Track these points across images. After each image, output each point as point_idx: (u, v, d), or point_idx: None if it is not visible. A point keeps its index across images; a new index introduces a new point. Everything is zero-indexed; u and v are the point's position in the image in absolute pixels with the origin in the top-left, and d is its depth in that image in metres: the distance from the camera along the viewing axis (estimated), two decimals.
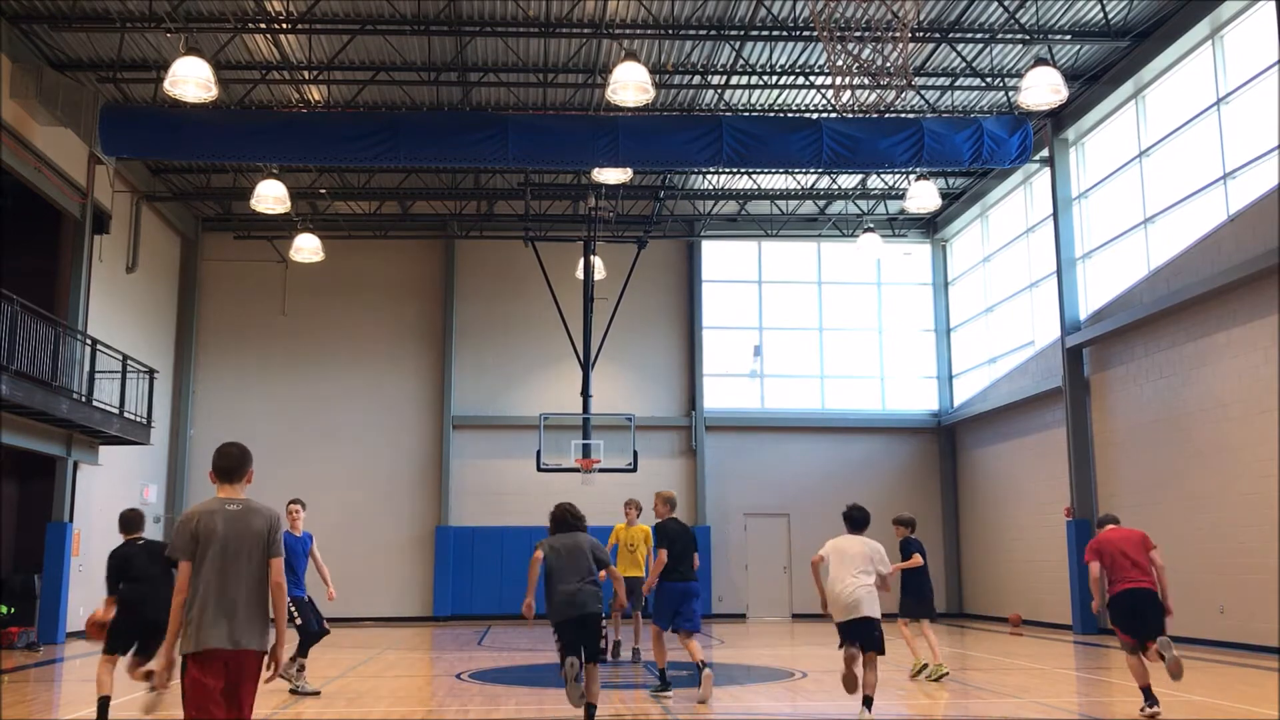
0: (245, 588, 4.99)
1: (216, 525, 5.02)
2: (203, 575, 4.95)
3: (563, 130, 16.59)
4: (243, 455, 5.30)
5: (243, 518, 5.08)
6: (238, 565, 5.00)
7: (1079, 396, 19.31)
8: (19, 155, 16.55)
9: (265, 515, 5.15)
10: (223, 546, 4.99)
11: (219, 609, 4.91)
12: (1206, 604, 15.73)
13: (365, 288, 25.10)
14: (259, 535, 5.07)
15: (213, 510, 5.07)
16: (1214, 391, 15.69)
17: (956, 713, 9.83)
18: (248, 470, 5.28)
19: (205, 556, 4.97)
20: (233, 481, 5.22)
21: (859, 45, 10.97)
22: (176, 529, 5.12)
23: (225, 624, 4.89)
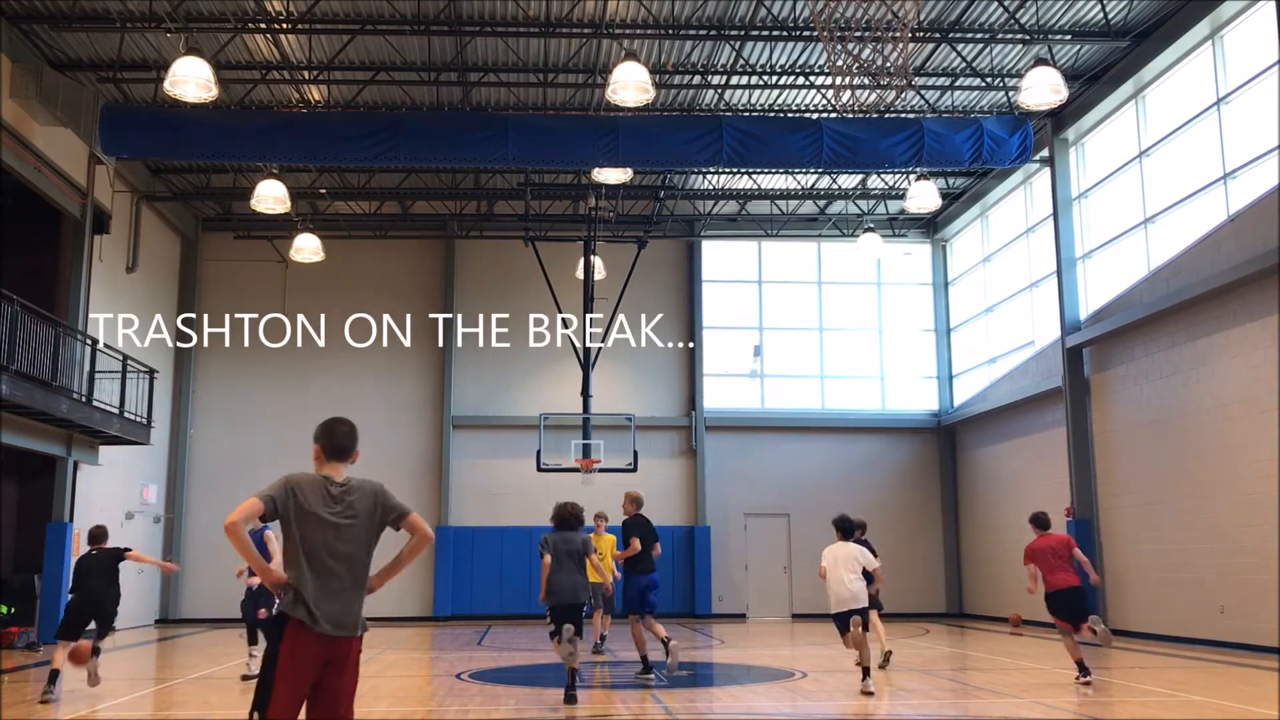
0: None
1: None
2: (295, 549, 4.74)
3: (563, 130, 16.59)
4: (353, 432, 4.95)
5: (354, 498, 4.80)
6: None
7: (1079, 396, 19.31)
8: (19, 155, 16.55)
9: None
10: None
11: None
12: (1206, 604, 15.73)
13: (365, 288, 25.10)
14: (369, 517, 4.82)
15: (317, 484, 4.78)
16: (1214, 391, 15.69)
17: (956, 713, 9.83)
18: (351, 455, 4.93)
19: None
20: (341, 457, 4.87)
21: (859, 45, 10.97)
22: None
23: (315, 601, 4.66)
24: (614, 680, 12.50)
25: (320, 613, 4.55)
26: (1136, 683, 11.86)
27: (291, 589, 4.60)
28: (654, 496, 24.58)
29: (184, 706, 10.53)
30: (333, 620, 4.57)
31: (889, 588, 24.32)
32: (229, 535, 4.59)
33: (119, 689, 12.01)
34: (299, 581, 4.61)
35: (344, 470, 4.84)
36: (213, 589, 23.27)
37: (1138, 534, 17.67)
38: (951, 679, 12.46)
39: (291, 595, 4.58)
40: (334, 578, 4.64)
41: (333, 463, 4.83)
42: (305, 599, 4.56)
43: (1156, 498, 17.11)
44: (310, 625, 4.52)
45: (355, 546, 4.71)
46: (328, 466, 4.82)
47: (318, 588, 4.60)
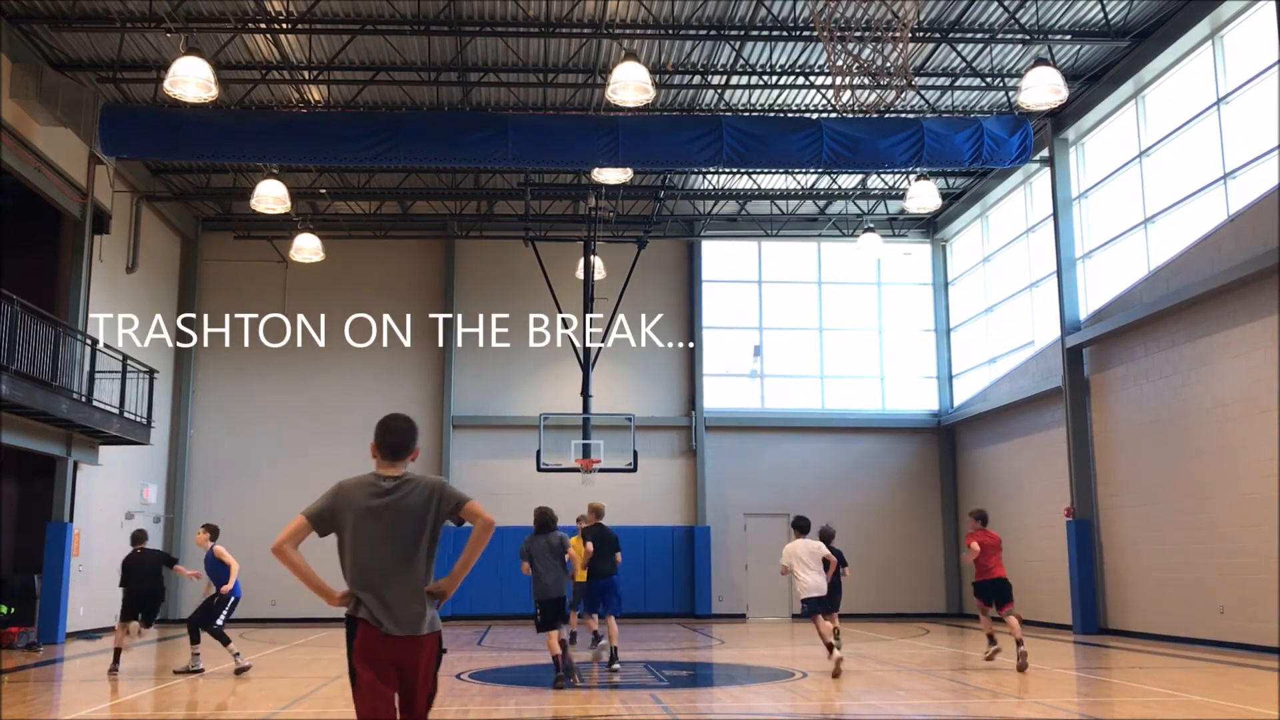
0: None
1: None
2: (349, 552, 4.67)
3: (563, 130, 16.59)
4: (411, 430, 4.77)
5: (403, 494, 4.64)
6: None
7: (1079, 396, 19.31)
8: (19, 155, 16.55)
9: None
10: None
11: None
12: (1206, 604, 15.73)
13: (365, 288, 25.09)
14: (420, 512, 4.65)
15: (365, 486, 4.65)
16: (1214, 391, 15.69)
17: (956, 713, 9.83)
18: (413, 447, 4.77)
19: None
20: (396, 456, 4.70)
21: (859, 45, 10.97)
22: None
23: (375, 603, 4.59)
24: (615, 680, 12.49)
25: (377, 612, 4.48)
26: (1136, 683, 11.87)
27: (351, 593, 4.55)
28: (654, 496, 24.68)
29: (184, 706, 10.53)
30: (390, 619, 4.48)
31: (889, 587, 24.46)
32: (278, 558, 4.60)
33: (119, 689, 12.01)
34: (355, 583, 4.55)
35: (402, 467, 4.69)
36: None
37: (1138, 534, 17.67)
38: (951, 679, 12.46)
39: (353, 599, 4.54)
40: (386, 576, 4.53)
41: (386, 460, 4.68)
42: (363, 599, 4.51)
43: (1156, 498, 17.10)
44: (372, 625, 4.47)
45: (406, 543, 4.56)
46: (382, 464, 4.69)
47: (372, 587, 4.52)
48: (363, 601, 4.50)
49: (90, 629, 19.31)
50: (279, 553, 4.59)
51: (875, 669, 13.44)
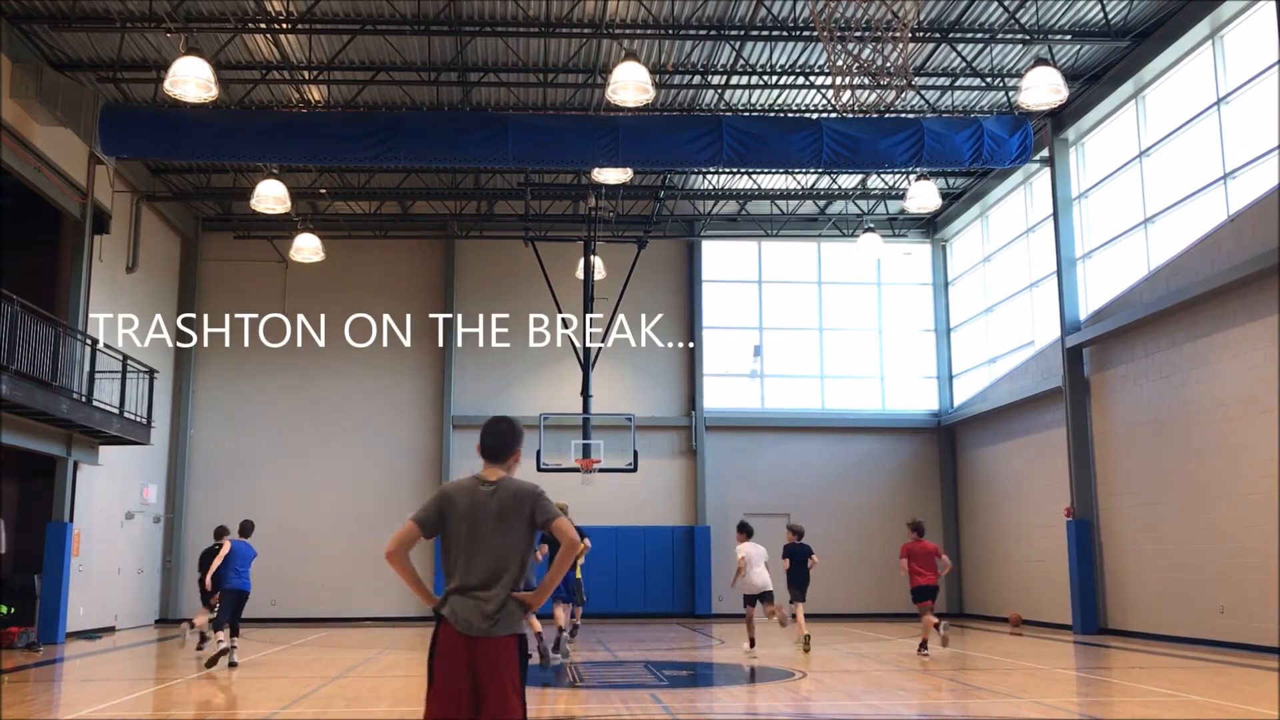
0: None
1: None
2: (447, 552, 4.73)
3: (563, 130, 16.59)
4: (512, 432, 4.83)
5: (498, 498, 4.70)
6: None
7: (1079, 396, 19.31)
8: (19, 155, 16.54)
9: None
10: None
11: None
12: (1206, 604, 15.73)
13: (365, 288, 25.09)
14: (510, 516, 4.69)
15: (465, 489, 4.74)
16: (1214, 391, 15.69)
17: (956, 713, 9.83)
18: (515, 450, 4.84)
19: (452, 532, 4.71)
20: (498, 459, 4.78)
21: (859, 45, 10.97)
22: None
23: (456, 603, 4.66)
24: (614, 680, 12.50)
25: (457, 611, 4.55)
26: (1136, 683, 11.87)
27: (446, 592, 4.62)
28: (654, 496, 24.68)
29: (184, 706, 10.53)
30: (466, 619, 4.53)
31: (889, 587, 24.43)
32: (389, 562, 4.73)
33: (119, 689, 12.01)
34: (448, 583, 4.63)
35: (503, 470, 4.76)
36: None
37: (1138, 534, 17.67)
38: (951, 679, 12.46)
39: (443, 595, 4.62)
40: (470, 577, 4.59)
41: (489, 463, 4.77)
42: (450, 599, 4.58)
43: (1156, 498, 17.10)
44: (452, 624, 4.53)
45: (491, 547, 4.61)
46: (486, 468, 4.77)
47: (457, 587, 4.59)
48: (449, 600, 4.57)
49: (90, 629, 19.31)
50: (390, 558, 4.72)
51: (875, 669, 13.45)
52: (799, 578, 16.01)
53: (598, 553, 22.55)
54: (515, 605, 4.58)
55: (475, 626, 4.50)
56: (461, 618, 4.52)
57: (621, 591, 22.98)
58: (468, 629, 4.51)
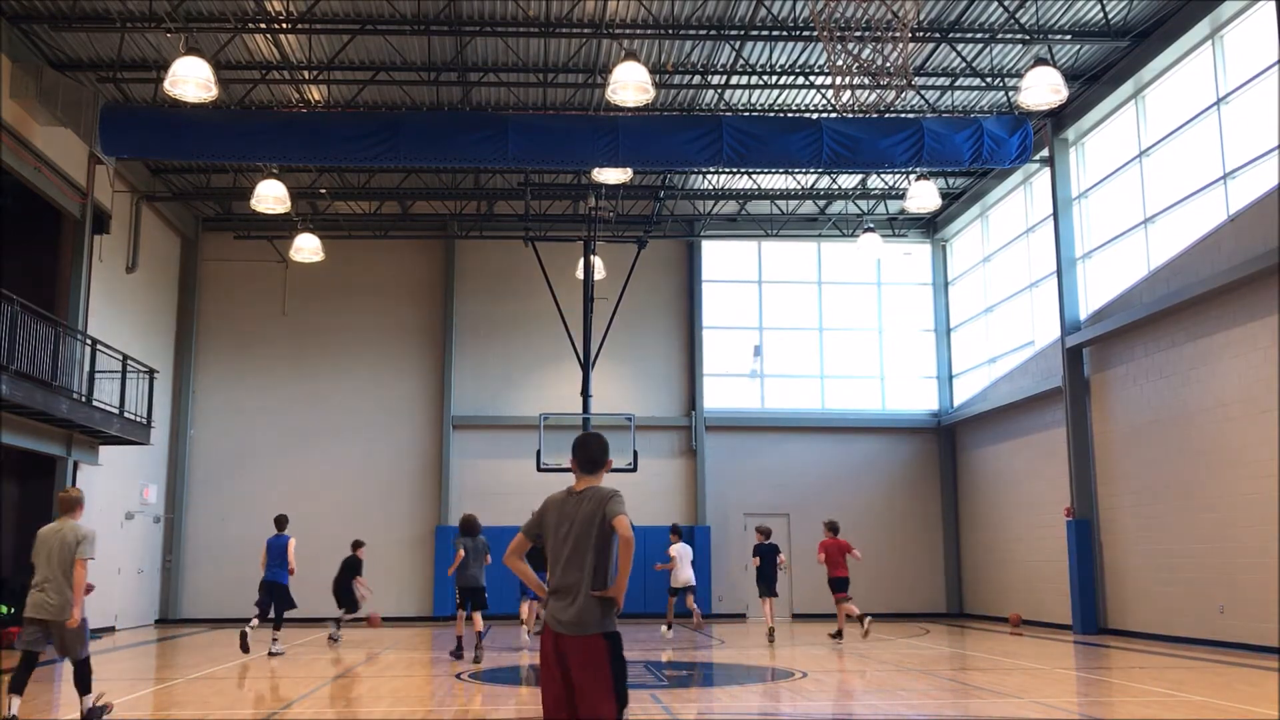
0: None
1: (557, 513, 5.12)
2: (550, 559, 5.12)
3: (563, 130, 16.58)
4: (600, 446, 5.20)
5: (583, 505, 5.05)
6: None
7: (1079, 396, 19.31)
8: (19, 155, 16.54)
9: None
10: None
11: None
12: (1206, 604, 15.73)
13: (365, 288, 25.11)
14: (590, 521, 5.01)
15: (560, 500, 5.13)
16: (1214, 391, 15.69)
17: (956, 713, 9.83)
18: (606, 461, 5.19)
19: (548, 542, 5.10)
20: (589, 470, 5.13)
21: (859, 45, 10.97)
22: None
23: (550, 604, 5.03)
24: None
25: (554, 612, 4.91)
26: (1136, 683, 11.87)
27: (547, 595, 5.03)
28: (654, 496, 24.67)
29: (184, 706, 10.54)
30: (557, 618, 4.87)
31: (889, 587, 24.45)
32: (508, 565, 5.28)
33: (119, 689, 12.01)
34: (549, 583, 5.03)
35: (593, 480, 5.10)
36: (212, 589, 23.28)
37: (1138, 534, 17.67)
38: (951, 679, 12.46)
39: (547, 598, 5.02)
40: (560, 579, 4.96)
41: (582, 474, 5.13)
42: (548, 601, 4.97)
43: (1156, 498, 17.10)
44: (548, 623, 4.93)
45: (579, 550, 4.94)
46: (580, 479, 5.13)
47: (554, 590, 4.97)
48: (548, 601, 4.97)
49: (90, 629, 19.28)
50: (508, 562, 5.27)
51: (875, 669, 13.45)
52: (768, 574, 17.63)
53: None
54: (596, 604, 4.86)
55: (563, 625, 4.86)
56: (553, 617, 4.90)
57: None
58: (557, 627, 4.88)
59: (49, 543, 8.40)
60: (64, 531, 8.43)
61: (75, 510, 8.55)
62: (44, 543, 8.41)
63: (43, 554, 8.44)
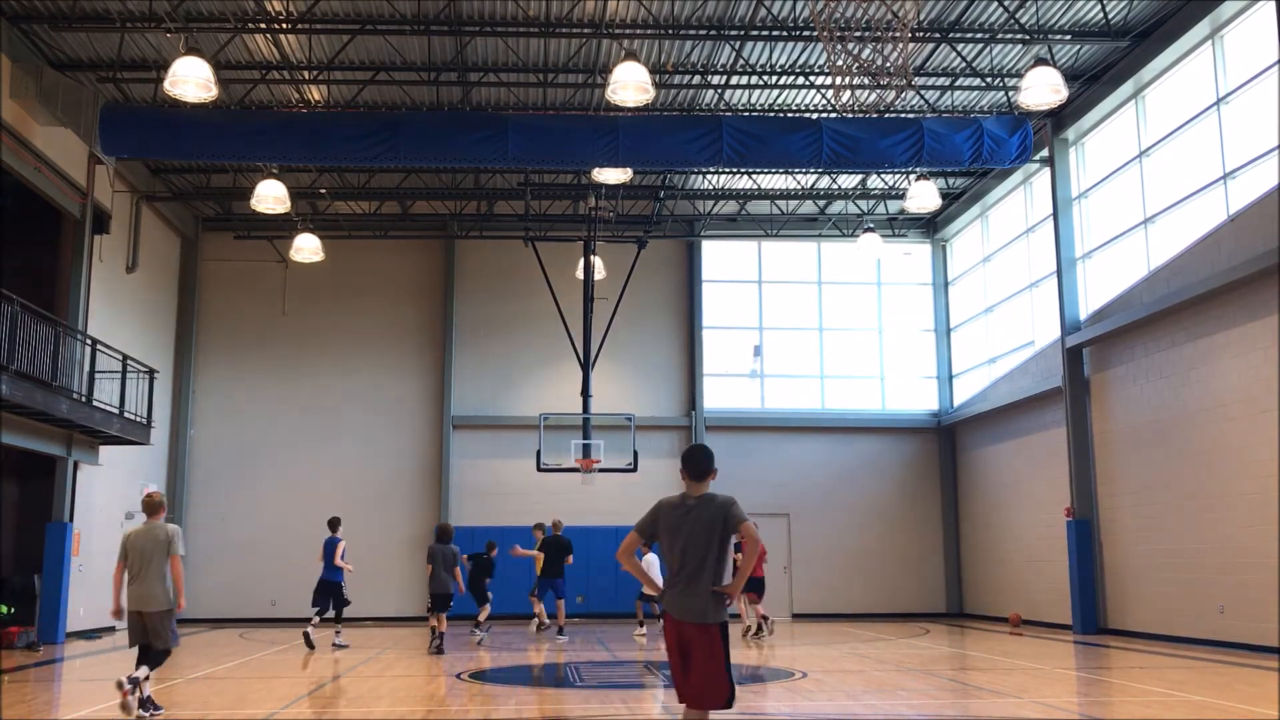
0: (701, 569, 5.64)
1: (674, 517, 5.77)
2: (665, 555, 5.77)
3: (563, 130, 16.58)
4: (708, 457, 5.89)
5: (700, 509, 5.68)
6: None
7: (1079, 396, 19.31)
8: (19, 155, 16.54)
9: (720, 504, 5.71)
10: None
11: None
12: (1206, 604, 15.73)
13: (365, 288, 25.11)
14: (710, 524, 5.63)
15: (673, 504, 5.79)
16: (1214, 391, 15.69)
17: (956, 713, 9.83)
18: (712, 470, 5.85)
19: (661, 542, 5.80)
20: (698, 478, 5.80)
21: (859, 45, 10.97)
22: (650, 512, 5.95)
23: (670, 596, 5.66)
24: (614, 680, 12.50)
25: (670, 601, 5.62)
26: (1136, 683, 11.87)
27: (664, 586, 5.70)
28: (654, 496, 24.45)
29: (184, 706, 10.53)
30: (677, 608, 5.59)
31: (889, 587, 24.46)
32: (620, 561, 6.03)
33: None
34: (666, 579, 5.72)
35: (704, 487, 5.78)
36: (212, 589, 23.26)
37: (1138, 534, 17.67)
38: (951, 679, 12.46)
39: (663, 589, 5.70)
40: (680, 574, 5.62)
41: (691, 481, 5.81)
42: (666, 592, 5.66)
43: (1156, 498, 17.10)
44: (669, 611, 5.63)
45: (699, 549, 5.60)
46: (689, 485, 5.82)
47: (671, 582, 5.65)
48: (667, 593, 5.66)
49: (90, 629, 19.31)
50: (621, 558, 6.01)
51: (875, 669, 13.45)
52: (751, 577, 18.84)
53: (597, 553, 22.58)
54: (716, 598, 5.56)
55: (686, 614, 5.54)
56: (675, 606, 5.58)
57: (621, 591, 22.94)
58: (680, 615, 5.56)
59: (140, 542, 9.35)
60: (154, 531, 9.40)
61: (159, 512, 9.56)
62: (135, 543, 9.36)
63: (135, 553, 9.33)
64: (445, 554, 15.71)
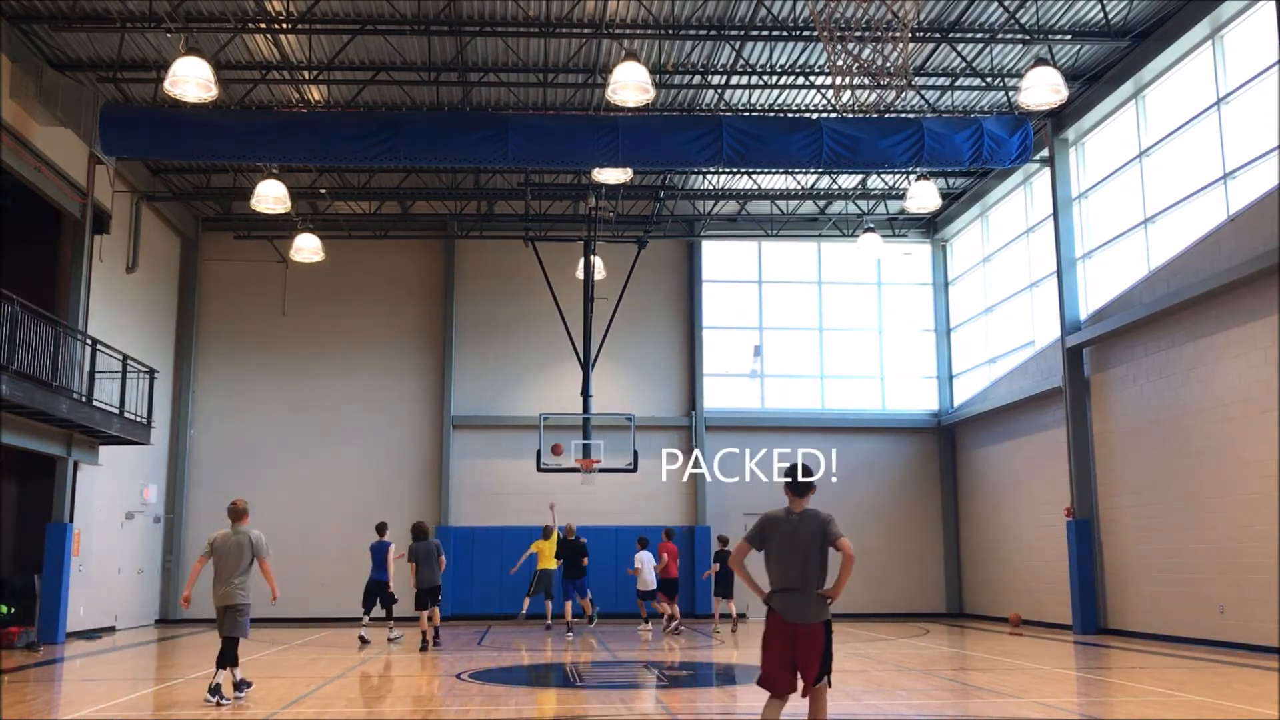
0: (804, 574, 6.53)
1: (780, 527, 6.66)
2: (770, 562, 6.64)
3: (563, 130, 16.58)
4: (811, 477, 6.80)
5: (804, 524, 6.60)
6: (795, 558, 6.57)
7: (1079, 396, 19.31)
8: (19, 155, 16.54)
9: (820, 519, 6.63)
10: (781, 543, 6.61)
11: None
12: (1206, 604, 15.73)
13: (365, 288, 25.10)
14: (813, 538, 6.55)
15: (780, 518, 6.69)
16: (1214, 391, 15.69)
17: (956, 713, 9.83)
18: (810, 490, 6.75)
19: (771, 549, 6.64)
20: (802, 496, 6.72)
21: (859, 45, 10.97)
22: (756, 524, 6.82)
23: (780, 599, 6.55)
24: (614, 680, 12.51)
25: (778, 604, 6.54)
26: (1136, 683, 11.87)
27: (771, 590, 6.59)
28: (654, 496, 24.67)
29: (184, 706, 10.53)
30: (785, 609, 6.51)
31: (889, 587, 24.45)
32: (732, 568, 7.01)
33: (119, 689, 12.02)
34: (772, 584, 6.61)
35: (805, 503, 6.67)
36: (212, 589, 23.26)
37: (1138, 534, 17.67)
38: (951, 679, 12.46)
39: (769, 594, 6.58)
40: (786, 580, 6.54)
41: (794, 497, 6.72)
42: (774, 595, 6.55)
43: (1156, 498, 17.10)
44: (777, 612, 6.53)
45: (802, 558, 6.52)
46: (792, 500, 6.72)
47: (777, 587, 6.57)
48: (775, 596, 6.56)
49: (90, 629, 19.32)
50: (733, 565, 6.90)
51: (875, 669, 13.45)
52: (725, 579, 19.56)
53: (597, 553, 22.56)
54: (820, 599, 6.49)
55: (795, 616, 6.47)
56: (785, 608, 6.50)
57: (621, 591, 22.93)
58: (790, 617, 6.48)
59: (227, 546, 10.51)
60: (239, 536, 10.52)
61: (244, 518, 10.70)
62: (221, 547, 10.53)
63: (221, 556, 10.50)
64: (428, 549, 16.26)
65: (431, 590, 16.35)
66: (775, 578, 6.58)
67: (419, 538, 16.39)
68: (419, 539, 16.39)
